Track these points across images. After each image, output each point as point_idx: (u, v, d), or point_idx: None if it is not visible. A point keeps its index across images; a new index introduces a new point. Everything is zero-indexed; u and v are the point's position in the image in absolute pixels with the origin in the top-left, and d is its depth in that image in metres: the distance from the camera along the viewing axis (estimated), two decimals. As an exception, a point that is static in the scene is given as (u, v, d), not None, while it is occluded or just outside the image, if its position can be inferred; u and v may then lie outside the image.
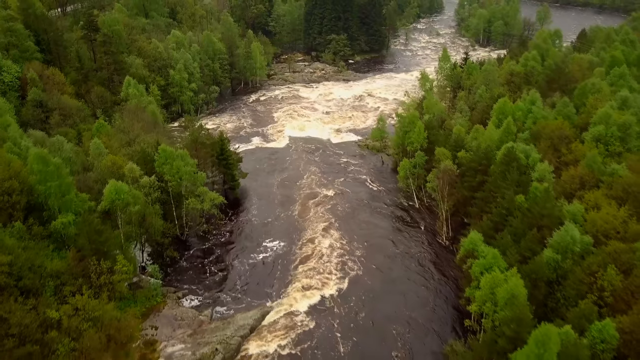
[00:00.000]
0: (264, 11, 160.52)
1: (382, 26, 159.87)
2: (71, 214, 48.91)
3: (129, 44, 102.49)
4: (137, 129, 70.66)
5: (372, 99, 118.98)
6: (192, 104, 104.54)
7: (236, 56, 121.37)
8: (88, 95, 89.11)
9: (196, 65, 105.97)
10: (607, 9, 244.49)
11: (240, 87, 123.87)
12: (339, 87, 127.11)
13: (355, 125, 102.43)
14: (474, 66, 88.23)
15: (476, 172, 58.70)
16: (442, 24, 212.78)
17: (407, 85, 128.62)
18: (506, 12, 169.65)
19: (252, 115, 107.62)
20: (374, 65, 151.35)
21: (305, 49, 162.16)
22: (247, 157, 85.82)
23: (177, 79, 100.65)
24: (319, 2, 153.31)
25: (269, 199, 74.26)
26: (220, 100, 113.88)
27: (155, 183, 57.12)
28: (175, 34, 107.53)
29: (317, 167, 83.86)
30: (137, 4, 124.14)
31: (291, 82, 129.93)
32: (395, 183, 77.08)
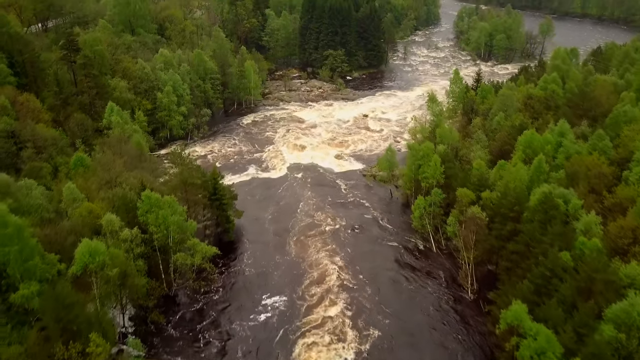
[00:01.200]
0: (257, 25, 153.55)
1: (381, 40, 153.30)
2: (35, 282, 40.95)
3: (112, 65, 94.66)
4: (119, 165, 62.74)
5: (374, 120, 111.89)
6: (182, 129, 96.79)
7: (229, 75, 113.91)
8: (67, 122, 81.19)
9: (186, 87, 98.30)
10: (606, 20, 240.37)
11: (234, 108, 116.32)
12: (338, 107, 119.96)
13: (358, 150, 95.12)
14: (488, 89, 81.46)
15: (506, 218, 51.41)
16: (440, 37, 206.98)
17: (409, 105, 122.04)
18: (508, 25, 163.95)
19: (247, 139, 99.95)
20: (373, 81, 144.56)
21: (300, 64, 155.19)
22: (242, 189, 78.08)
23: (165, 102, 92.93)
24: (314, 16, 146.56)
25: (267, 241, 66.54)
26: (212, 122, 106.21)
27: (138, 236, 49.27)
28: (163, 53, 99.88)
29: (319, 201, 76.34)
30: (122, 20, 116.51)
31: (287, 101, 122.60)
32: (407, 220, 69.80)
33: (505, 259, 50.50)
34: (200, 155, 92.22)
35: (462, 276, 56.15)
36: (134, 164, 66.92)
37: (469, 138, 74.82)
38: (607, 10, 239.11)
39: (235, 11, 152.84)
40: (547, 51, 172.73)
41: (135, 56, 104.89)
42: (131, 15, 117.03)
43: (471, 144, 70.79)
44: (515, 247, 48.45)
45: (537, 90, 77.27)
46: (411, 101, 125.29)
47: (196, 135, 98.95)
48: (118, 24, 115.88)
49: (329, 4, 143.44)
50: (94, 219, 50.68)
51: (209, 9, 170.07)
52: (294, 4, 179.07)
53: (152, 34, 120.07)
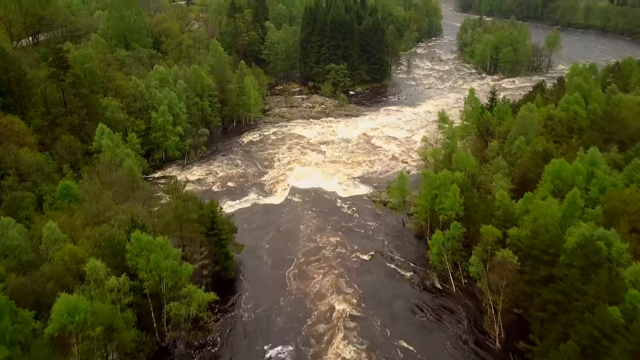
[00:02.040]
0: (256, 38, 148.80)
1: (384, 54, 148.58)
2: (4, 347, 35.24)
3: (104, 83, 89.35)
4: (107, 197, 57.19)
5: (380, 138, 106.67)
6: (178, 150, 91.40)
7: (227, 92, 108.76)
8: (55, 145, 75.79)
9: (182, 105, 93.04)
10: (610, 32, 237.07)
11: (233, 126, 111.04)
12: (341, 125, 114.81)
13: (365, 172, 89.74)
14: (505, 109, 76.36)
15: (539, 261, 45.96)
16: (442, 49, 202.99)
17: (416, 122, 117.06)
18: (514, 38, 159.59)
19: (247, 160, 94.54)
20: (376, 96, 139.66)
21: (301, 78, 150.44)
22: (241, 217, 72.77)
23: (160, 122, 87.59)
24: (316, 29, 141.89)
25: (268, 277, 60.93)
26: (210, 141, 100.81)
27: (126, 284, 43.65)
28: (158, 70, 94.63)
29: (324, 230, 70.85)
30: (116, 34, 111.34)
31: (288, 118, 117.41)
32: (421, 253, 64.43)
33: (539, 308, 45.01)
34: (198, 179, 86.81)
35: (487, 322, 50.58)
36: (124, 193, 61.38)
37: (487, 163, 69.53)
38: (610, 21, 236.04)
39: (234, 24, 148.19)
40: (553, 64, 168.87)
41: (129, 72, 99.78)
42: (125, 29, 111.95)
43: (489, 170, 65.50)
44: (553, 296, 42.97)
45: (558, 111, 72.21)
46: (417, 117, 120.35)
47: (193, 156, 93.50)
48: (112, 38, 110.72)
49: (331, 17, 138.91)
50: (78, 263, 45.07)
51: (207, 21, 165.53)
52: (294, 16, 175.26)
53: (147, 48, 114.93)
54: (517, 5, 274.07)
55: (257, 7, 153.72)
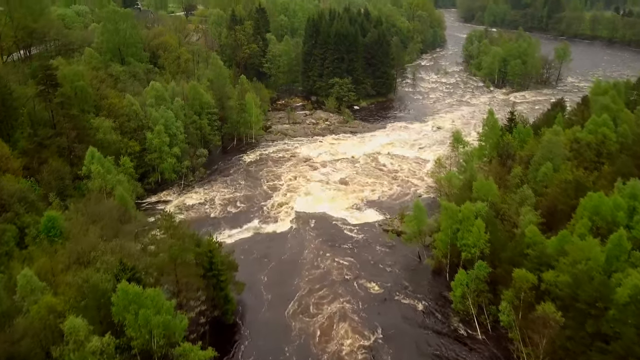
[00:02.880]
0: (257, 51, 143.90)
1: (389, 67, 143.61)
2: None
3: (97, 101, 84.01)
4: (94, 234, 51.54)
5: (388, 157, 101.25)
6: (175, 172, 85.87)
7: (228, 109, 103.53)
8: (41, 170, 70.24)
9: (179, 125, 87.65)
10: (617, 43, 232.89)
11: (233, 145, 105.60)
12: (347, 142, 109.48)
13: (374, 196, 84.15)
14: (527, 131, 70.93)
15: (584, 315, 40.27)
16: (447, 60, 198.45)
17: (425, 139, 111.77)
18: (523, 50, 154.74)
19: (248, 183, 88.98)
20: (382, 111, 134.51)
21: (304, 92, 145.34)
22: (242, 248, 67.27)
23: (156, 143, 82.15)
24: (319, 41, 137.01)
25: (272, 320, 55.06)
26: (209, 162, 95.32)
27: (111, 344, 37.87)
28: (154, 87, 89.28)
29: (333, 264, 65.14)
30: (111, 48, 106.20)
31: (291, 136, 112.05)
32: (440, 292, 58.87)
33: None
34: (196, 204, 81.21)
35: (521, 379, 44.83)
36: (114, 227, 55.68)
37: (508, 189, 64.03)
38: (618, 32, 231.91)
39: (234, 36, 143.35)
40: (563, 77, 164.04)
41: (124, 89, 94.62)
42: (121, 43, 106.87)
43: (513, 200, 59.93)
44: (603, 359, 37.21)
45: (585, 133, 66.80)
46: (426, 134, 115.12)
47: (191, 178, 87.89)
48: (106, 53, 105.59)
49: (335, 29, 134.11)
50: (55, 319, 39.31)
51: (206, 33, 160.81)
52: (296, 27, 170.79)
53: (143, 63, 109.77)
54: (522, 16, 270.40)
55: (258, 19, 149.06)
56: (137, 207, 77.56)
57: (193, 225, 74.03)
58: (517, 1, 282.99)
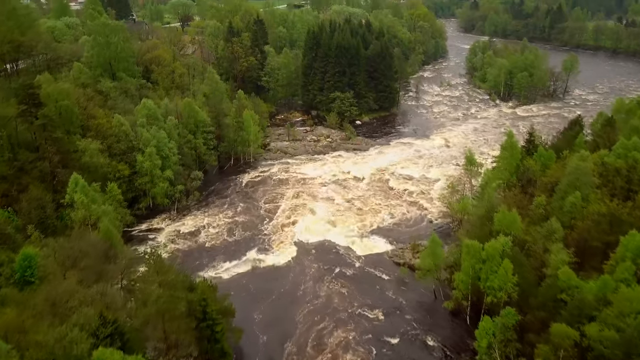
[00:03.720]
0: (255, 64, 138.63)
1: (392, 80, 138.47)
2: None
3: (83, 121, 78.32)
4: (72, 280, 45.64)
5: (394, 177, 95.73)
6: (168, 197, 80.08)
7: (224, 127, 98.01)
8: (20, 199, 64.45)
9: (172, 145, 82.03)
10: (621, 53, 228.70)
11: (230, 164, 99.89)
12: (350, 161, 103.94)
13: (381, 222, 78.49)
14: (549, 155, 65.39)
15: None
16: (450, 72, 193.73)
17: (431, 157, 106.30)
18: (530, 62, 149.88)
19: (246, 207, 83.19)
20: (385, 127, 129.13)
21: (304, 107, 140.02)
22: (239, 284, 61.76)
23: (147, 166, 76.45)
24: (319, 54, 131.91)
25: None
26: (205, 183, 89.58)
27: None
28: (146, 105, 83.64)
29: (339, 302, 59.37)
30: (101, 63, 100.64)
31: (291, 154, 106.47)
32: (460, 336, 53.25)
33: None
34: (190, 231, 75.36)
35: None
36: (96, 269, 49.78)
37: (531, 220, 58.35)
38: (622, 42, 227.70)
39: (232, 48, 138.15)
40: (570, 89, 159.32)
41: (114, 106, 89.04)
42: (112, 57, 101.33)
43: (539, 233, 54.26)
44: None
45: (614, 158, 61.35)
46: (432, 151, 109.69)
47: (185, 203, 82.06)
48: (96, 67, 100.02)
49: (336, 42, 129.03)
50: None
51: (203, 45, 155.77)
52: (295, 39, 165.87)
53: (136, 78, 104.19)
54: (523, 26, 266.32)
55: (256, 31, 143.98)
56: (126, 236, 71.96)
57: (187, 256, 68.52)
58: (518, 11, 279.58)
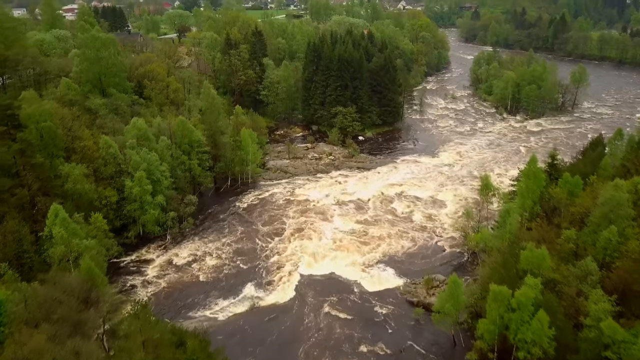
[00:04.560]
0: (254, 77, 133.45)
1: (396, 94, 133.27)
2: None
3: (68, 143, 72.52)
4: (44, 334, 39.62)
5: (401, 199, 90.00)
6: (159, 225, 74.16)
7: (221, 146, 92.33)
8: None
9: (164, 168, 76.25)
10: (627, 64, 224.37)
11: (227, 185, 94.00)
12: (354, 181, 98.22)
13: (391, 251, 72.55)
14: (576, 181, 59.60)
15: None
16: (453, 84, 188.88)
17: (439, 176, 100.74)
18: (538, 75, 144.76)
19: (244, 234, 77.25)
20: (389, 143, 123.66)
21: (304, 121, 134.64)
22: (235, 327, 55.73)
23: (136, 192, 70.55)
24: (320, 67, 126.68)
25: None
26: (200, 207, 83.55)
27: None
28: (136, 125, 77.92)
29: (346, 347, 53.27)
30: (91, 78, 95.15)
31: (292, 173, 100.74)
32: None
33: None
34: (183, 264, 69.34)
35: None
36: (73, 320, 43.74)
37: (560, 256, 52.54)
38: (628, 52, 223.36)
39: (229, 61, 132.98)
40: (578, 102, 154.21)
41: (103, 125, 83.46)
42: (102, 72, 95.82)
43: (571, 273, 48.40)
44: None
45: (648, 185, 55.74)
46: (440, 170, 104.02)
47: (178, 230, 76.08)
48: (85, 83, 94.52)
49: (337, 55, 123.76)
50: None
51: (200, 56, 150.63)
52: (294, 50, 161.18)
53: (128, 93, 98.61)
54: (526, 36, 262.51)
55: (255, 43, 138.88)
56: (113, 268, 66.11)
57: (179, 292, 62.70)
58: (520, 21, 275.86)
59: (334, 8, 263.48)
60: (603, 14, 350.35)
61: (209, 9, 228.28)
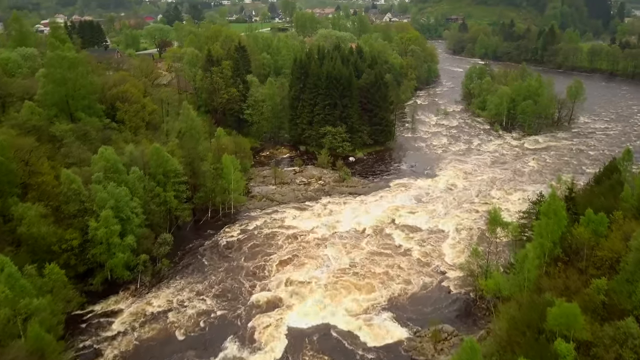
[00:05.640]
0: (237, 96, 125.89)
1: (388, 112, 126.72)
2: None
3: (24, 178, 64.13)
4: None
5: (399, 230, 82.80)
6: (129, 269, 65.71)
7: (200, 174, 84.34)
8: None
9: (136, 204, 67.99)
10: (618, 76, 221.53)
11: (208, 217, 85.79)
12: (345, 209, 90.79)
13: (391, 294, 64.81)
14: (600, 219, 52.42)
15: None
16: (444, 98, 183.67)
17: (437, 201, 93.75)
18: (534, 90, 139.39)
19: (225, 276, 69.09)
20: (382, 164, 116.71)
21: (291, 141, 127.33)
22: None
23: (102, 234, 62.17)
24: (307, 85, 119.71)
25: None
26: (177, 243, 74.97)
27: None
28: (104, 155, 69.60)
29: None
30: (57, 101, 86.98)
31: (279, 201, 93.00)
32: None
33: None
34: (156, 314, 60.91)
35: None
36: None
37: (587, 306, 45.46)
38: (619, 64, 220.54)
39: (211, 78, 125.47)
40: (575, 117, 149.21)
41: (68, 154, 75.20)
42: (69, 94, 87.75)
43: (607, 334, 41.29)
44: None
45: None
46: (437, 195, 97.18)
47: (151, 273, 67.65)
48: (51, 107, 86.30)
49: (326, 71, 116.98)
50: None
51: (180, 73, 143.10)
52: (280, 66, 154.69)
53: (98, 117, 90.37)
54: (515, 48, 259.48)
55: (238, 59, 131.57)
56: (74, 323, 57.53)
57: (149, 351, 54.27)
58: (509, 33, 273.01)
59: (319, 21, 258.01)
60: (589, 25, 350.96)
61: (190, 23, 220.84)
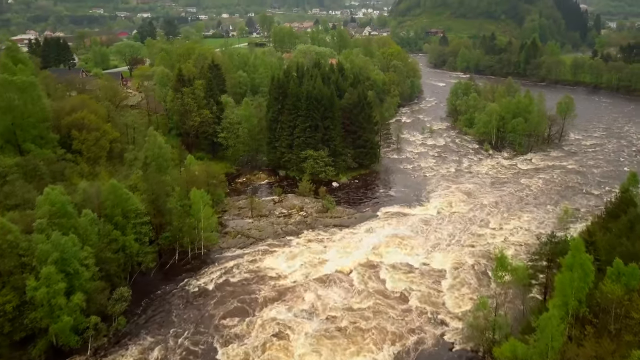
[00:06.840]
0: (210, 118, 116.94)
1: (372, 133, 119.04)
2: None
3: (-51, 230, 54.01)
4: None
5: (390, 269, 74.32)
6: (78, 333, 55.69)
7: (167, 212, 74.82)
8: None
9: (87, 254, 58.19)
10: (602, 89, 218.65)
11: (175, 260, 76.05)
12: (331, 243, 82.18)
13: (385, 354, 56.20)
14: (632, 270, 44.56)
15: None
16: (429, 115, 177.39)
17: (430, 233, 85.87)
18: (524, 107, 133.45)
19: (193, 337, 59.27)
20: (367, 190, 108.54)
21: (270, 166, 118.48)
22: None
23: (42, 295, 52.16)
24: (286, 106, 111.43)
25: None
26: (138, 294, 65.24)
27: None
28: (49, 198, 59.68)
29: None
30: (2, 132, 77.06)
31: (256, 238, 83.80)
32: None
33: None
34: (106, 390, 51.12)
35: None
36: None
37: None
38: (602, 77, 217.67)
39: (182, 99, 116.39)
40: (565, 133, 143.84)
41: (10, 194, 65.29)
42: (16, 123, 77.89)
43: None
44: None
45: None
46: (429, 226, 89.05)
47: (105, 335, 57.71)
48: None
49: (305, 91, 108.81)
50: None
51: (149, 93, 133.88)
52: (257, 84, 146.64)
53: (51, 148, 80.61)
54: (497, 61, 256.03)
55: (211, 78, 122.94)
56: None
57: None
58: (490, 47, 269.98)
59: (298, 36, 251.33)
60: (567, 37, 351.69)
61: (162, 39, 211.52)
